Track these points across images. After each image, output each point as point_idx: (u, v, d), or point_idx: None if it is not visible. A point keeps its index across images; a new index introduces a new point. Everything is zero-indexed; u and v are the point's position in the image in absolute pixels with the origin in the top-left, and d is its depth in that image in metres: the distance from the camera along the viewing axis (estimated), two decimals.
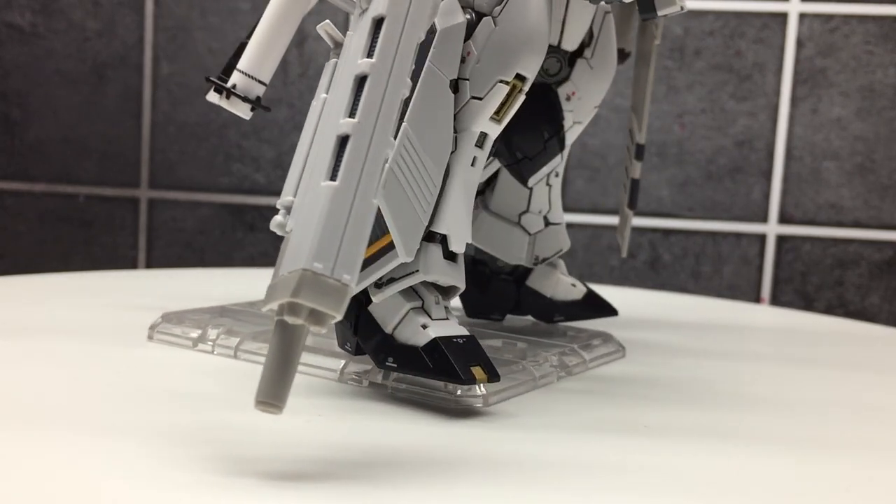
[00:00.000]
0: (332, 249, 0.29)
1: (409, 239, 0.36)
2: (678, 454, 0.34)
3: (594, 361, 0.48)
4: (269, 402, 0.29)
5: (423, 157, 0.36)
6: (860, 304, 1.00)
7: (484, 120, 0.38)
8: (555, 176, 0.51)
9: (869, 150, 0.98)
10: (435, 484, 0.30)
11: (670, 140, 0.99)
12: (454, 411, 0.38)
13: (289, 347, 0.29)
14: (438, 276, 0.38)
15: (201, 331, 0.47)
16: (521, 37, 0.38)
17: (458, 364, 0.36)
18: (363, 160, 0.31)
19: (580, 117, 0.48)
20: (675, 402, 0.42)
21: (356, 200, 0.30)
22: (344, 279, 0.29)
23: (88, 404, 0.36)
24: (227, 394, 0.39)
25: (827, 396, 0.45)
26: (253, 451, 0.32)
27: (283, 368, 0.29)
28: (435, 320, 0.38)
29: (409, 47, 0.33)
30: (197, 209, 1.04)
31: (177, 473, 0.29)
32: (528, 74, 0.38)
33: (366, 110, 0.31)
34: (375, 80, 0.32)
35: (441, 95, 0.37)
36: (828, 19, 0.98)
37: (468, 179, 0.39)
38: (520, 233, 0.51)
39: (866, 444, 0.37)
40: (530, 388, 0.42)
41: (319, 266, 0.29)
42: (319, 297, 0.29)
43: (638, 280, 1.00)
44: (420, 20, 0.33)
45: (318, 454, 0.32)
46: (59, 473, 0.29)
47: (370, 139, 0.31)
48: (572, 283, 0.53)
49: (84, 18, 1.03)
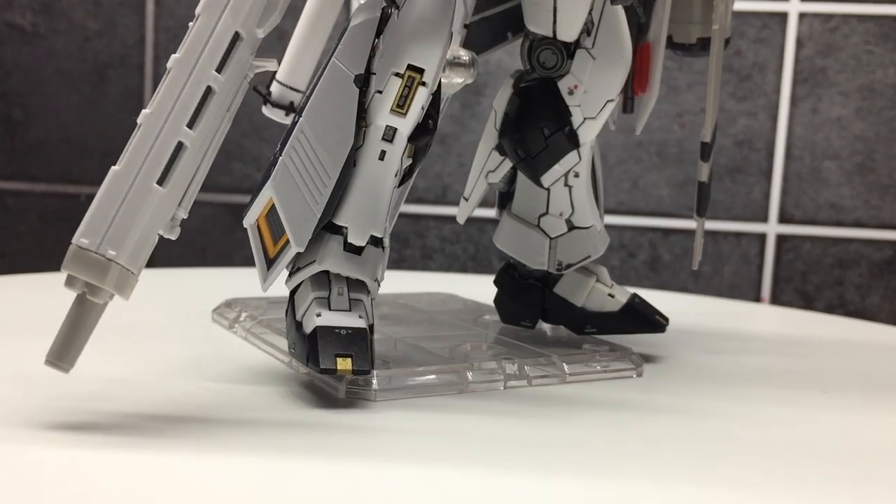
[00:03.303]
0: (101, 227, 0.33)
1: (299, 229, 0.38)
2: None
3: (586, 375, 0.44)
4: (55, 361, 0.33)
5: (319, 150, 0.38)
6: (860, 304, 1.00)
7: (385, 113, 0.38)
8: (574, 176, 0.47)
9: (869, 150, 0.98)
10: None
11: (670, 140, 0.99)
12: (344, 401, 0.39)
13: (78, 316, 0.34)
14: (333, 266, 0.39)
15: (236, 314, 0.52)
16: (410, 27, 0.38)
17: (323, 353, 0.37)
18: (149, 148, 0.34)
19: (590, 112, 0.45)
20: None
21: (135, 184, 0.34)
22: (109, 254, 0.33)
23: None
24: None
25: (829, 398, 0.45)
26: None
27: (71, 334, 0.33)
28: (332, 311, 0.38)
29: (221, 42, 0.35)
30: (197, 208, 1.04)
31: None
32: (423, 65, 0.38)
33: (161, 101, 0.35)
34: (176, 73, 0.35)
35: (342, 90, 0.38)
36: (828, 19, 0.98)
37: (375, 173, 0.39)
38: (539, 236, 0.48)
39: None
40: (455, 391, 0.41)
41: (86, 241, 0.33)
42: (83, 270, 0.33)
43: (638, 280, 1.00)
44: (240, 17, 0.35)
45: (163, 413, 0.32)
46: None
47: (161, 128, 0.34)
48: (609, 294, 0.49)
49: (85, 18, 1.04)
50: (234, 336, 0.51)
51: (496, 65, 0.96)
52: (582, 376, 0.44)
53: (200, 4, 0.35)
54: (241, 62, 0.35)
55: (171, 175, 0.34)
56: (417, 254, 1.02)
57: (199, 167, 0.35)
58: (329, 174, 0.38)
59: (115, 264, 0.33)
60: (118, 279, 0.33)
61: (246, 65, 0.36)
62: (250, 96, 0.41)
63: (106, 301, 0.34)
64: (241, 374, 0.43)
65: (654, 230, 1.01)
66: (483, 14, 0.49)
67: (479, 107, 1.00)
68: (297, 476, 0.30)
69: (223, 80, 0.35)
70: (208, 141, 0.35)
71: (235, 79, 0.36)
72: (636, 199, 1.00)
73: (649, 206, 1.00)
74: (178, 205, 0.35)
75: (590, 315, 0.48)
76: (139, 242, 0.34)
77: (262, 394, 0.40)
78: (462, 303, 0.60)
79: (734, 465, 0.34)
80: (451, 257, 1.02)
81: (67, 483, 0.28)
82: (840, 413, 0.42)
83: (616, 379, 0.45)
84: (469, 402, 0.40)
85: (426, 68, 0.38)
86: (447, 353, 0.45)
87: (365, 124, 0.39)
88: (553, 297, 0.49)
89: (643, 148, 1.00)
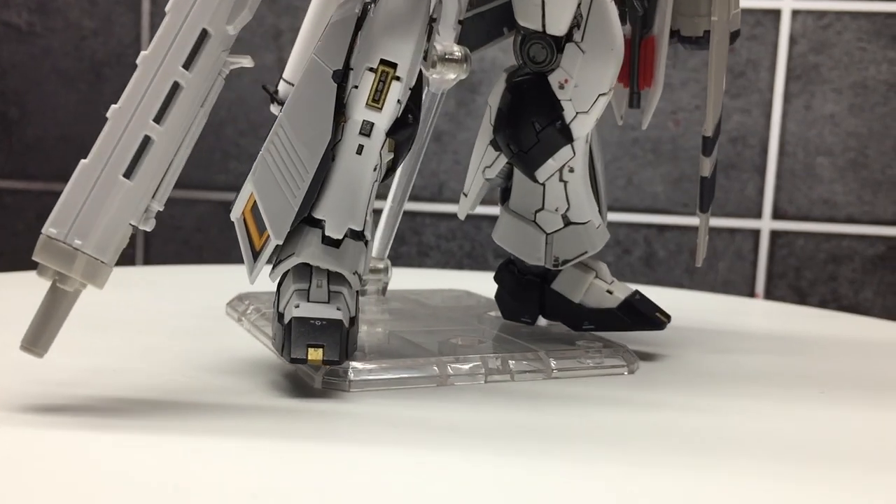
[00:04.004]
0: (68, 218, 0.35)
1: (278, 222, 0.39)
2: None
3: (575, 371, 0.44)
4: (29, 347, 0.35)
5: (297, 144, 0.39)
6: (853, 299, 1.00)
7: (361, 108, 0.39)
8: (569, 171, 0.46)
9: (861, 146, 0.99)
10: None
11: (665, 136, 1.00)
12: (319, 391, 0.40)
13: (50, 304, 0.35)
14: (311, 259, 0.39)
15: (244, 307, 0.53)
16: (382, 22, 0.39)
17: (295, 343, 0.38)
18: (116, 141, 0.35)
19: (582, 107, 0.44)
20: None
21: (101, 177, 0.35)
22: (75, 243, 0.35)
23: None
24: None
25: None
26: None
27: (44, 321, 0.35)
28: (311, 302, 0.39)
29: (188, 39, 0.36)
30: (194, 207, 1.05)
31: None
32: (395, 60, 0.39)
33: (129, 96, 0.36)
34: (143, 69, 0.36)
35: (320, 86, 0.39)
36: (820, 16, 0.98)
37: (353, 168, 0.40)
38: (535, 231, 0.47)
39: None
40: (434, 383, 0.41)
41: (54, 231, 0.35)
42: (51, 259, 0.34)
43: (633, 276, 1.01)
44: (207, 14, 0.36)
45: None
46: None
47: (127, 123, 0.35)
48: (608, 290, 0.48)
49: (81, 17, 1.04)
50: (241, 328, 0.52)
51: (491, 62, 0.97)
52: (570, 372, 0.44)
53: (170, 2, 0.37)
54: (212, 59, 0.36)
55: (139, 168, 0.35)
56: (413, 251, 1.03)
57: (172, 161, 0.37)
58: (307, 168, 0.39)
59: (82, 253, 0.35)
60: (85, 268, 0.35)
61: (219, 61, 0.37)
62: (247, 95, 0.42)
63: (77, 289, 0.35)
64: (232, 364, 0.44)
65: (648, 226, 1.01)
66: (477, 10, 0.49)
67: (475, 104, 1.00)
68: (253, 457, 0.31)
69: (191, 76, 0.36)
70: (178, 135, 0.36)
71: (207, 75, 0.37)
72: (631, 196, 1.01)
73: (644, 203, 1.01)
74: (153, 197, 0.36)
75: (588, 312, 0.48)
76: (106, 233, 0.35)
77: (244, 381, 0.41)
78: (475, 300, 0.60)
79: (728, 461, 0.34)
80: (448, 254, 1.02)
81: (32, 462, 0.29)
82: (837, 410, 0.42)
83: (608, 376, 0.45)
84: (446, 395, 0.40)
85: (399, 62, 0.39)
86: (436, 347, 0.45)
87: (344, 119, 0.39)
88: (551, 294, 0.49)
89: (638, 145, 1.00)
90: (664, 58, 0.48)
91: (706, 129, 0.46)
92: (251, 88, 0.97)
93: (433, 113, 0.54)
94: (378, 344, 0.45)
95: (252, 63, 0.38)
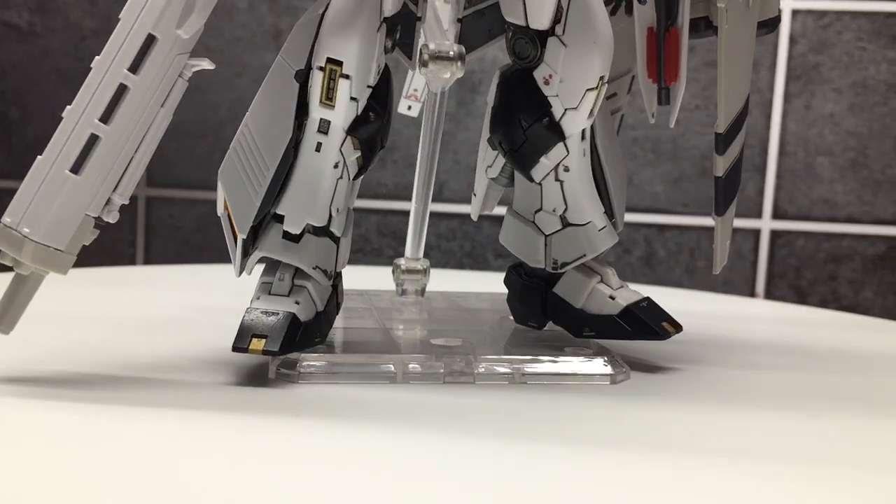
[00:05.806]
0: (21, 208, 0.38)
1: (242, 217, 0.41)
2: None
3: (550, 379, 0.43)
4: None
5: (259, 141, 0.40)
6: (853, 299, 1.00)
7: (315, 106, 0.40)
8: (564, 171, 0.44)
9: (861, 146, 0.99)
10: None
11: (665, 136, 1.00)
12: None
13: (15, 286, 0.39)
14: (269, 252, 0.41)
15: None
16: (328, 21, 0.40)
17: (241, 333, 0.39)
18: (65, 139, 0.38)
19: (570, 102, 0.42)
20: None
21: (51, 171, 0.38)
22: (23, 231, 0.37)
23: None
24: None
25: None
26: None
27: (8, 302, 0.39)
28: (271, 295, 0.41)
29: (133, 44, 0.38)
30: (195, 207, 1.05)
31: None
32: (340, 58, 0.39)
33: (80, 97, 0.38)
34: (94, 72, 0.38)
35: (283, 85, 0.40)
36: (821, 15, 0.98)
37: (313, 165, 0.41)
38: (534, 233, 0.46)
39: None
40: (388, 380, 0.41)
41: (9, 220, 0.38)
42: (6, 245, 0.37)
43: (633, 276, 1.01)
44: (152, 20, 0.38)
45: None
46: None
47: (77, 121, 0.38)
48: (611, 296, 0.46)
49: (81, 17, 1.04)
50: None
51: (491, 61, 0.97)
52: (543, 379, 0.42)
53: (123, 9, 0.39)
54: (162, 62, 0.38)
55: (86, 164, 0.38)
56: None
57: (133, 158, 0.39)
58: (268, 165, 0.40)
59: (30, 240, 0.37)
60: (34, 253, 0.37)
61: (177, 64, 0.39)
62: (247, 95, 0.42)
63: (35, 273, 0.38)
64: (212, 354, 0.45)
65: (648, 226, 1.01)
66: (476, 7, 0.49)
67: (475, 104, 1.00)
68: (185, 436, 0.33)
69: (138, 78, 0.38)
70: (131, 134, 0.39)
71: (162, 77, 0.39)
72: (631, 196, 1.01)
73: (644, 203, 1.01)
74: (114, 191, 0.39)
75: (588, 317, 0.46)
76: (56, 222, 0.38)
77: (208, 370, 0.42)
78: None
79: (724, 472, 0.34)
80: (448, 254, 1.02)
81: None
82: (838, 416, 0.42)
83: (589, 385, 0.43)
84: (401, 393, 0.40)
85: (344, 60, 0.39)
86: (418, 345, 0.44)
87: (306, 118, 0.41)
88: (553, 298, 0.47)
89: (638, 144, 1.00)
90: (686, 50, 0.45)
91: (718, 125, 0.44)
92: (251, 88, 0.97)
93: (435, 112, 0.53)
94: (365, 340, 0.46)
95: (212, 65, 0.40)
